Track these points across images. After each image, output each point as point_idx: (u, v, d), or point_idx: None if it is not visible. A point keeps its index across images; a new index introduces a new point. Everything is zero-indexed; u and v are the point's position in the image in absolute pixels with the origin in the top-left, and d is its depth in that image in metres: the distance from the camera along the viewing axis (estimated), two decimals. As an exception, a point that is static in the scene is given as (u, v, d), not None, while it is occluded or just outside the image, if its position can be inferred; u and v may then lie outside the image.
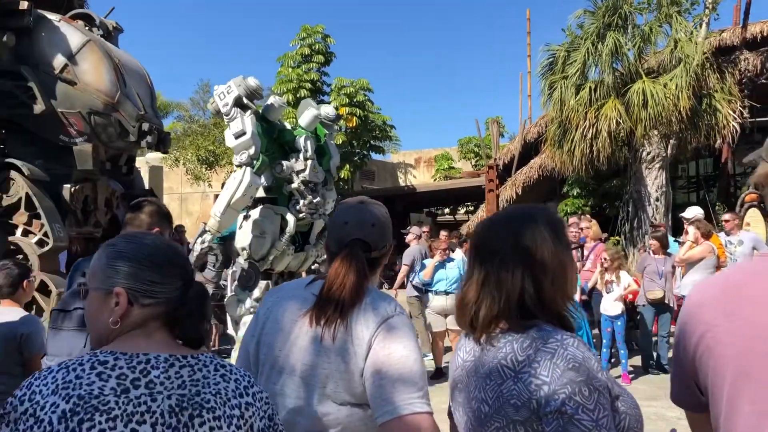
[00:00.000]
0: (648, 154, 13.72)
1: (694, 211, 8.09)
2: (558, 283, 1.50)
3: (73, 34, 6.10)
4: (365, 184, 27.53)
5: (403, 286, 9.45)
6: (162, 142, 6.71)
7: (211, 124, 23.05)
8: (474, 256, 1.56)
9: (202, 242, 5.94)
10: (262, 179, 6.13)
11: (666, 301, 7.99)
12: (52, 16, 6.15)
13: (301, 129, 6.63)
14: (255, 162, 5.78)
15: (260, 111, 6.21)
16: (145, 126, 6.35)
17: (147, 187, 7.92)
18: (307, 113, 6.69)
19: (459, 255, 8.50)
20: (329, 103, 20.63)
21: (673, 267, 7.99)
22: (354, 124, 20.04)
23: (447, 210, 29.96)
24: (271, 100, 6.30)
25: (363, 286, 1.74)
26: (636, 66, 13.04)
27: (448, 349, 8.47)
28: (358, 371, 1.65)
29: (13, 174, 5.79)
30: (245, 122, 5.78)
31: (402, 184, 30.48)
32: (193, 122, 29.82)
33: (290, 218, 6.15)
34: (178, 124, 30.91)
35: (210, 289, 7.92)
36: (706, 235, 7.41)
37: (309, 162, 6.31)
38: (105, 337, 1.29)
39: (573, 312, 1.57)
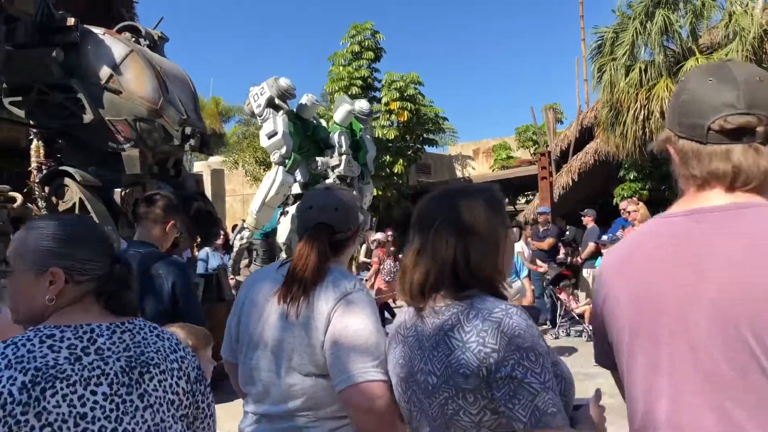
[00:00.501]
0: (705, 133, 13.28)
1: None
2: (490, 257, 1.56)
3: (117, 46, 6.43)
4: (421, 177, 27.58)
5: None
6: (205, 144, 6.99)
7: (268, 126, 23.58)
8: (413, 226, 1.65)
9: (241, 239, 6.19)
10: (298, 176, 6.32)
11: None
12: (97, 30, 6.50)
13: (336, 125, 6.79)
14: (287, 161, 5.97)
15: (294, 110, 6.40)
16: (188, 130, 6.63)
17: (209, 189, 8.25)
18: (341, 109, 6.86)
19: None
20: (381, 99, 20.83)
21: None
22: (405, 119, 20.13)
23: (506, 200, 29.68)
24: (304, 99, 6.49)
25: (324, 266, 1.86)
26: (689, 43, 12.64)
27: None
28: (319, 344, 1.77)
29: (67, 181, 6.17)
30: (277, 122, 5.98)
31: (459, 176, 30.35)
32: (250, 125, 30.59)
33: (326, 213, 6.32)
34: (239, 127, 31.74)
35: None
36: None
37: (344, 157, 6.46)
38: (39, 315, 1.42)
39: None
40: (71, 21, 6.24)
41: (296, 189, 6.39)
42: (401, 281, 1.62)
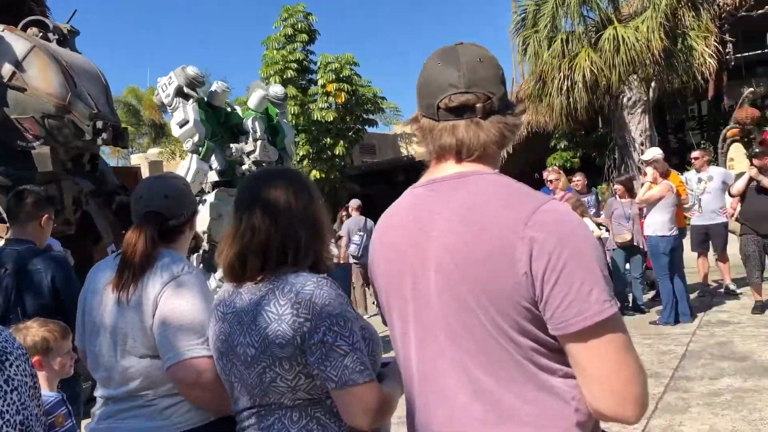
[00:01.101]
0: (629, 99, 13.69)
1: (652, 153, 8.16)
2: (305, 233, 1.68)
3: (18, 42, 6.30)
4: (366, 158, 27.66)
5: None
6: (119, 138, 6.92)
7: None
8: (233, 211, 1.75)
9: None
10: (215, 163, 6.34)
11: (635, 243, 8.12)
12: (-5, 27, 6.36)
13: (251, 111, 6.81)
14: (201, 149, 5.99)
15: (205, 98, 6.39)
16: (99, 124, 6.55)
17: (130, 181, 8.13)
18: (255, 95, 6.87)
19: None
20: (317, 80, 20.75)
21: (640, 209, 8.09)
22: (343, 100, 20.11)
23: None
24: (214, 86, 6.49)
25: (153, 253, 1.95)
26: (607, 13, 12.96)
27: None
28: (149, 326, 1.87)
29: (-29, 183, 6.08)
30: (187, 111, 5.98)
31: (405, 154, 30.50)
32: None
33: (243, 199, 6.36)
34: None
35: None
36: (665, 175, 7.50)
37: (258, 142, 6.50)
38: None
39: None
40: (-34, 19, 6.10)
41: (213, 177, 6.41)
42: (220, 261, 1.72)
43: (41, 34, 7.41)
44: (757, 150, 7.48)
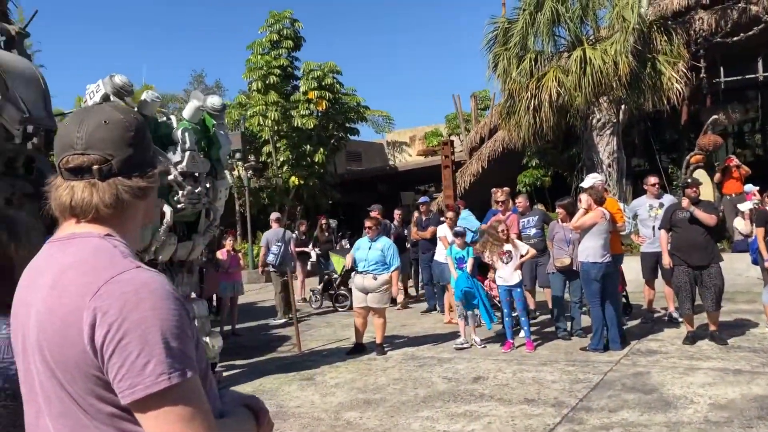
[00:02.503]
0: (598, 121, 13.71)
1: (591, 180, 8.17)
2: None
3: (-50, 45, 6.35)
4: (352, 165, 27.72)
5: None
6: (51, 143, 6.96)
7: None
8: None
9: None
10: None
11: (574, 268, 8.13)
12: (-72, 29, 6.40)
13: (185, 121, 6.83)
14: (123, 157, 6.00)
15: (135, 107, 6.41)
16: (30, 128, 6.59)
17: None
18: (189, 105, 6.89)
19: (385, 240, 8.57)
20: (299, 87, 20.84)
21: (581, 234, 8.09)
22: (324, 108, 20.19)
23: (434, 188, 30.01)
24: (144, 95, 6.50)
25: None
26: (577, 34, 13.00)
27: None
28: None
29: None
30: (111, 119, 6.00)
31: (395, 163, 30.55)
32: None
33: (167, 209, 6.37)
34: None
35: None
36: (599, 202, 7.51)
37: (187, 153, 6.51)
38: None
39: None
40: None
41: (139, 186, 6.40)
42: None
43: (-14, 34, 7.48)
44: (689, 180, 7.49)
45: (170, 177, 6.50)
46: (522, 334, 8.02)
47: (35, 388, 1.30)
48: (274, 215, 12.33)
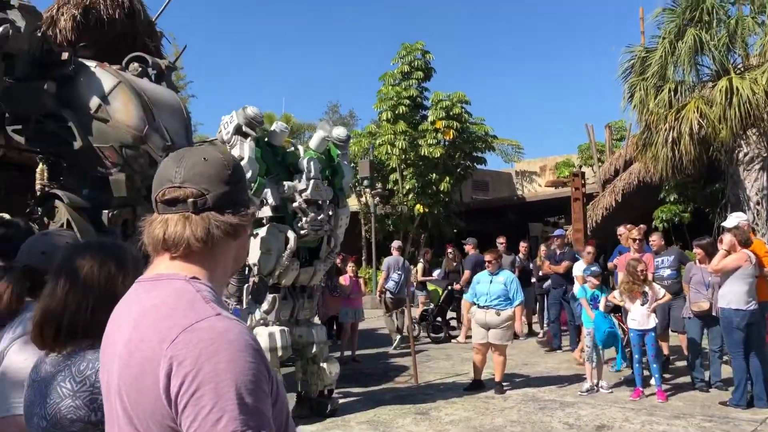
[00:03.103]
0: (745, 154, 12.71)
1: (735, 220, 7.49)
2: (93, 303, 1.73)
3: (106, 78, 6.93)
4: (479, 195, 27.47)
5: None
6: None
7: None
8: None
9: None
10: (270, 199, 6.60)
11: (714, 313, 7.49)
12: (90, 63, 7.03)
13: (311, 151, 7.05)
14: (252, 184, 6.27)
15: (264, 137, 6.70)
16: (172, 155, 7.05)
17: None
18: (316, 135, 7.13)
19: (508, 273, 8.39)
20: (428, 116, 21.03)
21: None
22: (451, 137, 20.23)
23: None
24: (274, 126, 6.80)
25: (16, 307, 2.08)
26: (723, 63, 12.17)
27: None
28: None
29: (57, 203, 6.71)
30: (243, 148, 6.30)
31: (523, 193, 29.93)
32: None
33: (290, 235, 6.56)
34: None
35: (231, 302, 8.53)
36: (744, 243, 6.88)
37: (311, 182, 6.70)
38: None
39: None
40: (65, 55, 6.80)
41: (266, 212, 6.65)
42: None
43: (141, 68, 8.14)
44: None
45: (295, 204, 6.71)
46: (653, 382, 7.47)
47: (115, 430, 1.31)
48: (395, 243, 12.47)
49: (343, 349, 10.43)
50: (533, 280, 12.26)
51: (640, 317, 7.45)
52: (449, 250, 13.92)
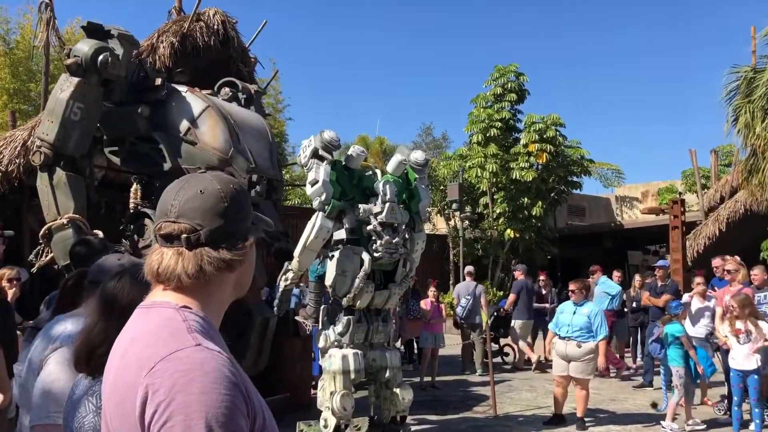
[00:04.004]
0: None
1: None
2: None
3: (196, 102, 7.24)
4: (573, 220, 26.66)
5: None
6: (274, 191, 7.59)
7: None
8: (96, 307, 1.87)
9: (285, 280, 6.63)
10: (346, 222, 6.65)
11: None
12: (181, 88, 7.39)
13: (389, 174, 7.06)
14: (327, 207, 6.33)
15: (342, 161, 6.78)
16: (255, 177, 7.26)
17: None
18: (393, 159, 7.13)
19: (592, 305, 8.08)
20: (520, 139, 20.66)
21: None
22: (544, 160, 19.76)
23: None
24: (351, 150, 6.85)
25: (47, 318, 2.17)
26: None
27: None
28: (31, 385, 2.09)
29: (147, 221, 7.04)
30: (319, 171, 6.39)
31: (622, 219, 28.78)
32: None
33: (365, 257, 6.56)
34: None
35: (310, 324, 8.60)
36: None
37: (387, 205, 6.68)
38: None
39: None
40: (158, 81, 7.17)
41: (341, 234, 6.69)
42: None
43: (231, 93, 8.48)
44: None
45: (369, 227, 6.71)
46: (752, 427, 6.91)
47: None
48: (468, 268, 12.48)
49: (422, 374, 10.31)
50: (626, 310, 11.76)
51: (740, 357, 6.95)
52: (541, 278, 13.53)
